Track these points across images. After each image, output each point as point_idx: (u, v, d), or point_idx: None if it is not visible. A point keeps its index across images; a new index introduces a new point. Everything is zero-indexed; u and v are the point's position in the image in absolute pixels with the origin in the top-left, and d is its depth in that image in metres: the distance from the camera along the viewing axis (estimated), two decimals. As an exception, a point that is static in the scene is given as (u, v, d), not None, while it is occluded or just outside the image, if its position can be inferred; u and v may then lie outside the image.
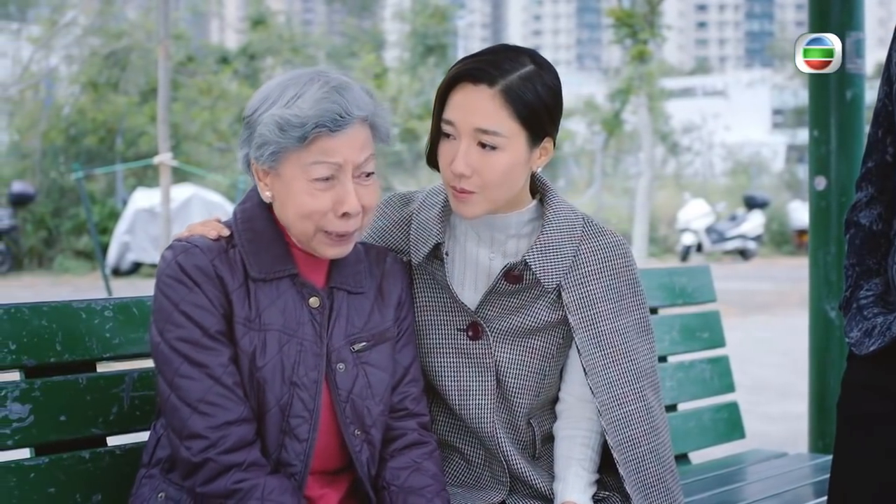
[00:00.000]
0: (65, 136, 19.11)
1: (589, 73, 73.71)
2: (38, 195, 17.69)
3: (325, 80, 2.04)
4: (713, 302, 3.66)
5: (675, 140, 30.70)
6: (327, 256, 2.11)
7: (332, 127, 2.00)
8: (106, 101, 19.72)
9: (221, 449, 1.98)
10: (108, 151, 19.16)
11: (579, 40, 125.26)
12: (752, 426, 6.87)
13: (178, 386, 2.00)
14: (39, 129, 18.89)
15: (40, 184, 18.19)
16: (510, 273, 2.26)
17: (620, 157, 28.67)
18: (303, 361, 2.07)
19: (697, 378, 3.55)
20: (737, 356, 8.26)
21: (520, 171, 2.22)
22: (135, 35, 20.59)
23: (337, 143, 2.01)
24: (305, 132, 1.99)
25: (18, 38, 22.25)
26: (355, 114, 2.03)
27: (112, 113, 19.34)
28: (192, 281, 2.02)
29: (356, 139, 2.04)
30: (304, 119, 1.99)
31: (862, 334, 2.29)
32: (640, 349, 2.34)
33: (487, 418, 2.29)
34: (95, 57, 20.86)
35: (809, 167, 4.03)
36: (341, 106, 2.01)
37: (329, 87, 2.02)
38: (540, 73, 2.20)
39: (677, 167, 30.64)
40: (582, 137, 30.02)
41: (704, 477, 3.33)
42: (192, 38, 25.91)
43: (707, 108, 35.75)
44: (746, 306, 13.95)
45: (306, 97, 2.00)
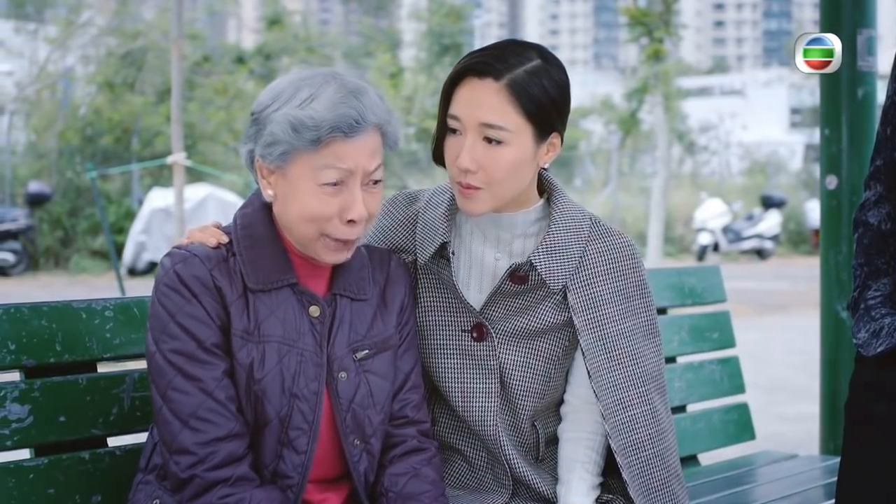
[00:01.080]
0: (81, 136, 19.15)
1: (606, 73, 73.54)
2: (54, 195, 17.73)
3: (340, 82, 2.00)
4: (723, 302, 3.63)
5: (693, 139, 30.59)
6: (327, 262, 2.07)
7: (347, 132, 1.96)
8: (122, 101, 19.76)
9: (209, 465, 1.95)
10: (125, 151, 19.20)
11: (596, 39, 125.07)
12: (768, 427, 6.86)
13: (170, 399, 1.97)
14: (56, 129, 18.95)
15: (56, 184, 18.23)
16: (515, 273, 2.23)
17: (637, 156, 28.59)
18: (303, 372, 2.04)
19: (707, 379, 3.51)
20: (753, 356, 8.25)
21: (526, 166, 2.19)
22: (151, 35, 20.64)
23: (350, 149, 1.98)
24: (320, 135, 1.95)
25: (35, 38, 22.32)
26: (371, 120, 2.00)
27: (128, 113, 19.38)
28: (190, 292, 1.99)
29: (368, 145, 2.01)
30: (320, 122, 1.95)
31: (869, 335, 2.27)
32: (646, 352, 2.31)
33: (490, 421, 2.27)
34: (112, 57, 20.92)
35: (821, 166, 3.99)
36: (358, 111, 1.97)
37: (346, 91, 1.98)
38: (547, 67, 2.17)
39: (694, 166, 30.54)
40: (599, 137, 29.94)
41: (714, 478, 3.30)
42: (208, 37, 25.96)
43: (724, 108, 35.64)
44: (763, 306, 13.89)
45: (322, 99, 1.97)
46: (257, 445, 2.03)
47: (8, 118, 19.18)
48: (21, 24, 23.05)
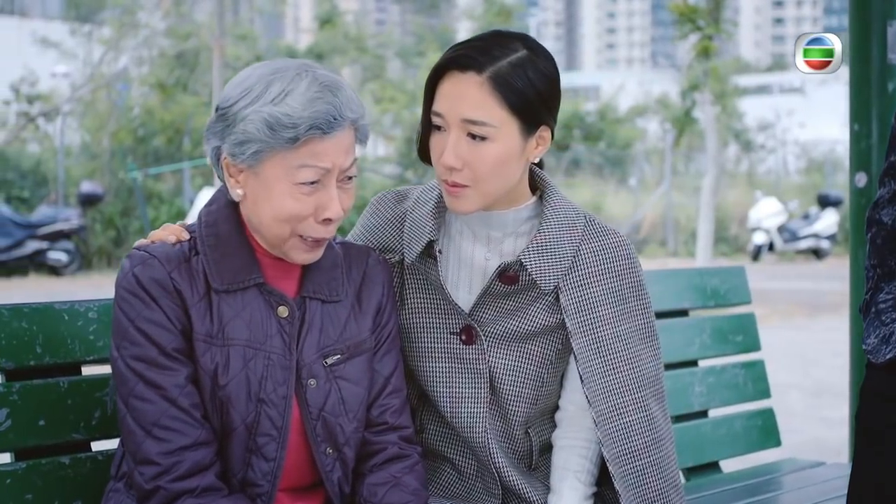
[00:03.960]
0: (133, 136, 19.30)
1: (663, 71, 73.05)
2: (106, 195, 17.88)
3: (313, 75, 1.92)
4: (748, 304, 3.52)
5: (749, 138, 30.24)
6: (298, 262, 1.99)
7: (325, 130, 1.89)
8: (174, 101, 19.90)
9: (174, 476, 1.89)
10: (177, 151, 19.34)
11: (653, 38, 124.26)
12: (810, 431, 6.72)
13: (133, 407, 1.91)
14: (109, 129, 19.12)
15: (109, 184, 18.39)
16: (505, 273, 2.14)
17: (692, 155, 28.31)
18: (270, 376, 1.96)
19: (730, 383, 3.40)
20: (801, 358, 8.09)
21: (514, 162, 2.10)
22: (202, 36, 20.76)
23: (327, 147, 1.90)
24: (297, 134, 1.87)
25: (90, 40, 22.53)
26: (348, 116, 1.92)
27: (180, 113, 19.51)
28: (149, 296, 1.92)
29: (344, 142, 1.93)
30: (297, 120, 1.87)
31: (879, 341, 2.17)
32: (643, 356, 2.20)
33: (479, 427, 2.18)
34: (164, 58, 21.07)
35: (850, 163, 3.87)
36: (335, 107, 1.90)
37: (321, 86, 1.90)
38: (532, 58, 2.08)
39: (750, 165, 30.19)
40: (654, 136, 29.71)
41: (735, 486, 3.20)
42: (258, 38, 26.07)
43: (783, 105, 35.19)
44: (816, 307, 13.65)
45: (296, 94, 1.88)
46: (224, 453, 1.96)
47: (62, 119, 19.39)
48: (76, 25, 23.29)
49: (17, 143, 19.68)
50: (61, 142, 18.72)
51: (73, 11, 25.04)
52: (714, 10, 12.76)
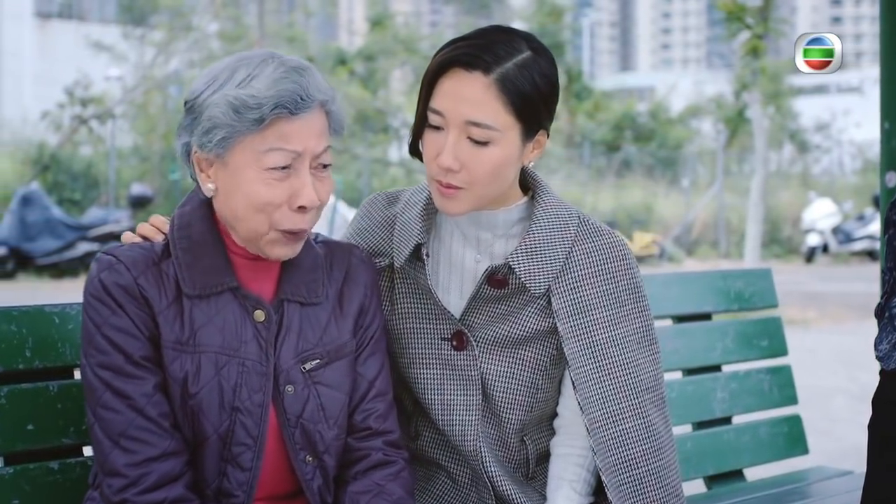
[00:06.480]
0: (183, 138, 19.48)
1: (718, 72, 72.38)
2: (156, 197, 18.04)
3: (280, 60, 1.87)
4: (774, 307, 3.42)
5: (805, 138, 29.87)
6: (277, 257, 1.92)
7: (292, 109, 1.82)
8: (224, 103, 20.02)
9: (141, 488, 1.83)
10: (226, 153, 19.47)
11: (709, 38, 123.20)
12: (852, 436, 6.56)
13: (100, 417, 1.86)
14: (159, 132, 19.28)
15: (159, 186, 18.55)
16: (493, 277, 2.07)
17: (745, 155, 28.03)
18: (245, 383, 1.89)
19: (754, 389, 3.31)
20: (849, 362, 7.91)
21: (511, 166, 2.03)
22: (252, 38, 20.86)
23: (295, 129, 1.84)
24: (263, 114, 1.81)
25: (142, 42, 22.76)
26: (316, 97, 1.86)
27: (230, 115, 19.63)
28: (116, 302, 1.86)
29: (315, 125, 1.87)
30: (262, 100, 1.81)
31: (891, 347, 2.08)
32: (640, 361, 2.11)
33: (471, 435, 2.11)
34: (214, 60, 21.17)
35: (881, 162, 3.74)
36: (302, 87, 1.84)
37: (287, 68, 1.85)
38: (536, 59, 2.01)
39: (804, 166, 29.82)
40: (707, 136, 29.43)
41: (757, 495, 3.11)
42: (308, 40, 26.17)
43: (839, 105, 34.72)
44: (868, 310, 13.38)
45: (262, 77, 1.83)
46: (197, 462, 1.90)
47: (114, 122, 19.57)
48: (128, 29, 23.52)
49: (69, 145, 19.89)
50: (112, 144, 18.90)
51: (125, 14, 25.27)
52: (764, 8, 12.59)
